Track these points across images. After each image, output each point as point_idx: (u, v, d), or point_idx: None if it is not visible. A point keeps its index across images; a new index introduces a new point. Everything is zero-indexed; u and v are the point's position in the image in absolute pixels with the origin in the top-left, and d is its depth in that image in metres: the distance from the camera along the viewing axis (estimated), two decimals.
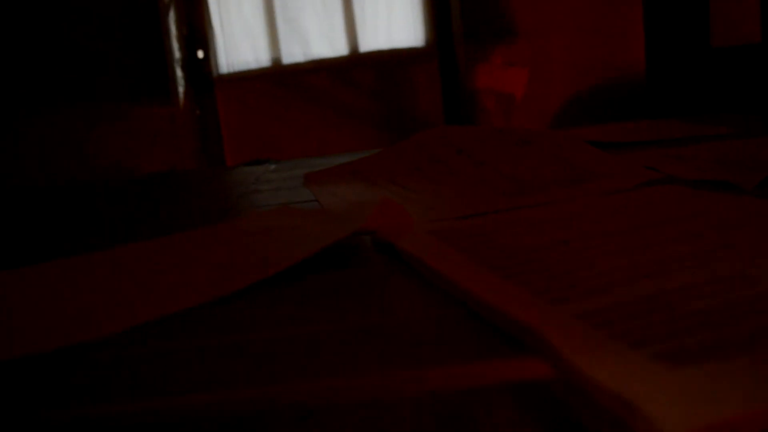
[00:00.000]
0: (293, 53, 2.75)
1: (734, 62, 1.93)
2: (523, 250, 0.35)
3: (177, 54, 2.74)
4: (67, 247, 0.54)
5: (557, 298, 0.28)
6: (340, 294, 0.34)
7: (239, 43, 2.78)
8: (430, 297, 0.32)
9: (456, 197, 0.49)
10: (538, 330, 0.24)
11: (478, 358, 0.25)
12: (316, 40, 2.73)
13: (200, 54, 2.82)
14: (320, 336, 0.29)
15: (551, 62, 2.48)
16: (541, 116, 2.51)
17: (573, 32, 2.42)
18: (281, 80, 2.75)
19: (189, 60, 2.82)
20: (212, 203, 0.63)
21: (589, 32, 2.41)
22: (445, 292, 0.32)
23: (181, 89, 2.73)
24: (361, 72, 2.74)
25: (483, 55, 2.53)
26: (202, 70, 2.81)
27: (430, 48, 2.71)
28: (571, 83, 2.48)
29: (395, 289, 0.34)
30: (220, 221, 0.56)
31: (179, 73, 2.74)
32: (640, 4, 2.30)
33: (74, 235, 0.60)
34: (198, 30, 2.80)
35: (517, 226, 0.41)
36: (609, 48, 2.40)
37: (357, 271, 0.38)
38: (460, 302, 0.31)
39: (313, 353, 0.27)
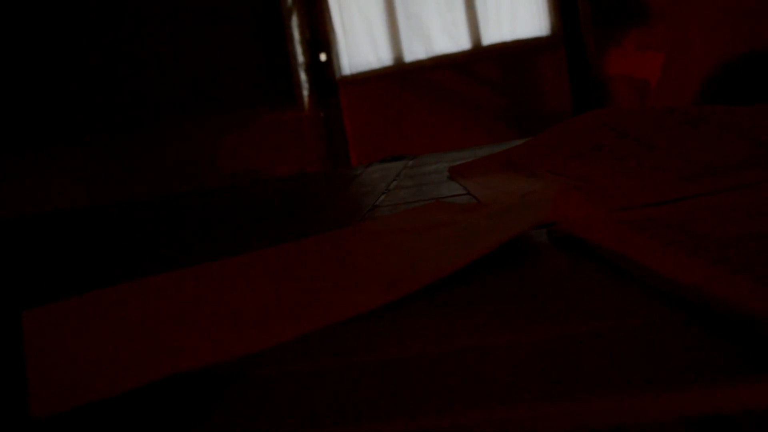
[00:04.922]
0: (415, 51, 2.72)
1: None
2: (737, 241, 0.29)
3: (300, 58, 2.77)
4: (217, 248, 0.53)
5: None
6: (516, 297, 0.29)
7: (361, 44, 2.79)
8: (633, 299, 0.27)
9: (634, 184, 0.43)
10: None
11: (723, 378, 0.20)
12: (438, 35, 2.69)
13: (323, 57, 2.85)
14: (500, 350, 0.24)
15: (688, 46, 2.32)
16: (676, 103, 2.36)
17: (712, 12, 2.25)
18: (404, 78, 2.73)
19: (312, 63, 2.85)
20: (353, 202, 0.60)
21: (731, 12, 2.23)
22: (650, 292, 0.27)
23: (305, 93, 2.76)
24: (484, 66, 2.68)
25: (613, 41, 2.41)
26: (325, 73, 2.83)
27: (555, 36, 2.62)
28: (709, 68, 2.31)
29: (588, 290, 0.29)
30: (364, 221, 0.52)
31: (303, 77, 2.77)
32: None
33: (223, 236, 0.58)
34: (320, 33, 2.82)
35: (714, 214, 0.35)
36: (753, 29, 2.21)
37: (534, 270, 0.33)
38: (670, 305, 0.25)
39: (486, 373, 0.23)
